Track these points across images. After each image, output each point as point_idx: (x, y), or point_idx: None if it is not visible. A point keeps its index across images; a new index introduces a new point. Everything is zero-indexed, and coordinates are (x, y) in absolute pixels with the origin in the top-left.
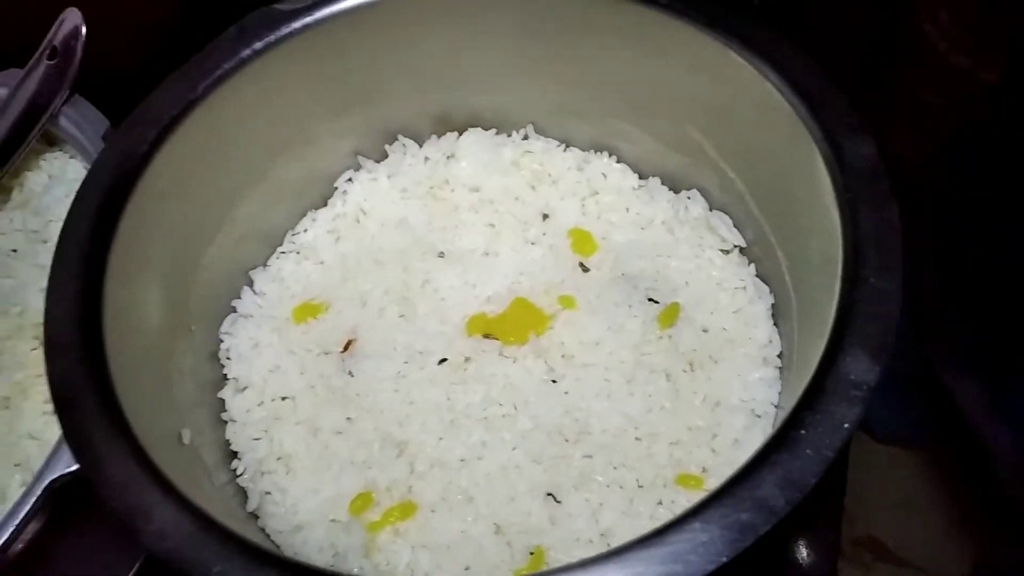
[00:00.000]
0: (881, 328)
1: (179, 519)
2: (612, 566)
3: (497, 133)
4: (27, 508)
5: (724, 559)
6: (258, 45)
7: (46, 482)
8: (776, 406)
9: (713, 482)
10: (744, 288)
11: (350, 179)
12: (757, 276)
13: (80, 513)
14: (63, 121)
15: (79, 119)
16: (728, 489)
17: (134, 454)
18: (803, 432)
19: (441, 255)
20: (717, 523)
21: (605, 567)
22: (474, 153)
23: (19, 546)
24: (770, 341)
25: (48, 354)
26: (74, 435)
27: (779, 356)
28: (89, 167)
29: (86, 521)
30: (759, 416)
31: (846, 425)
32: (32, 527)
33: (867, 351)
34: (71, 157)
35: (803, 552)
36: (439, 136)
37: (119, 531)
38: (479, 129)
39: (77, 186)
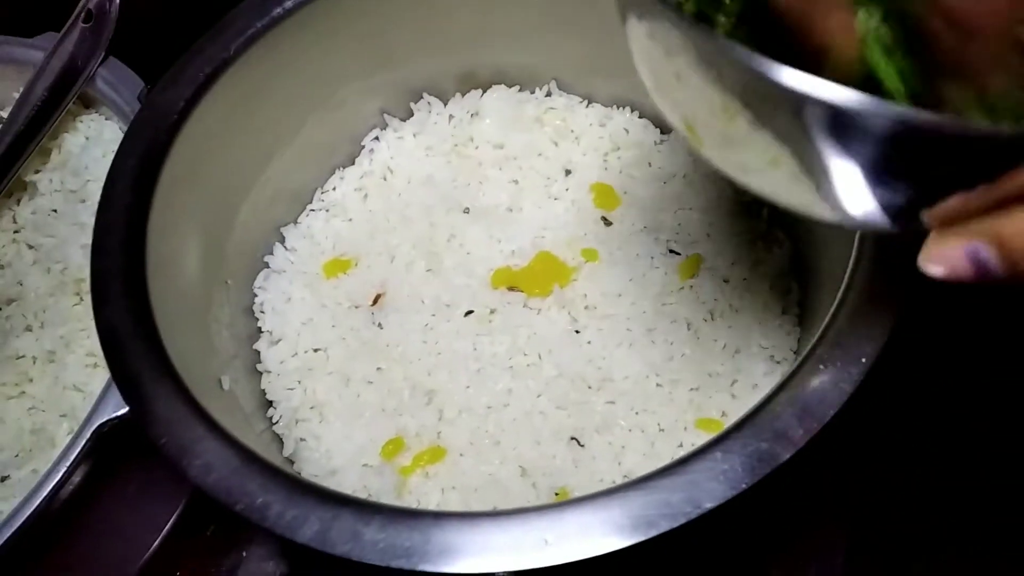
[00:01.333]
0: (899, 270)
1: (224, 453)
2: (635, 494)
3: (520, 90)
4: (76, 452)
5: (744, 485)
6: (288, 4)
7: (94, 426)
8: (795, 352)
9: None
10: (764, 238)
11: (377, 138)
12: (777, 226)
13: (123, 462)
14: (99, 83)
15: (115, 81)
16: (748, 420)
17: (180, 394)
18: (821, 367)
19: (466, 211)
20: (737, 452)
21: (628, 495)
22: (498, 110)
23: (69, 488)
24: (790, 290)
25: (96, 303)
26: (123, 377)
27: (799, 304)
28: (125, 128)
29: (130, 469)
30: (778, 362)
31: (863, 360)
32: (80, 471)
33: (885, 291)
34: (107, 119)
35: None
36: (463, 94)
37: (167, 468)
38: (502, 86)
39: (114, 147)
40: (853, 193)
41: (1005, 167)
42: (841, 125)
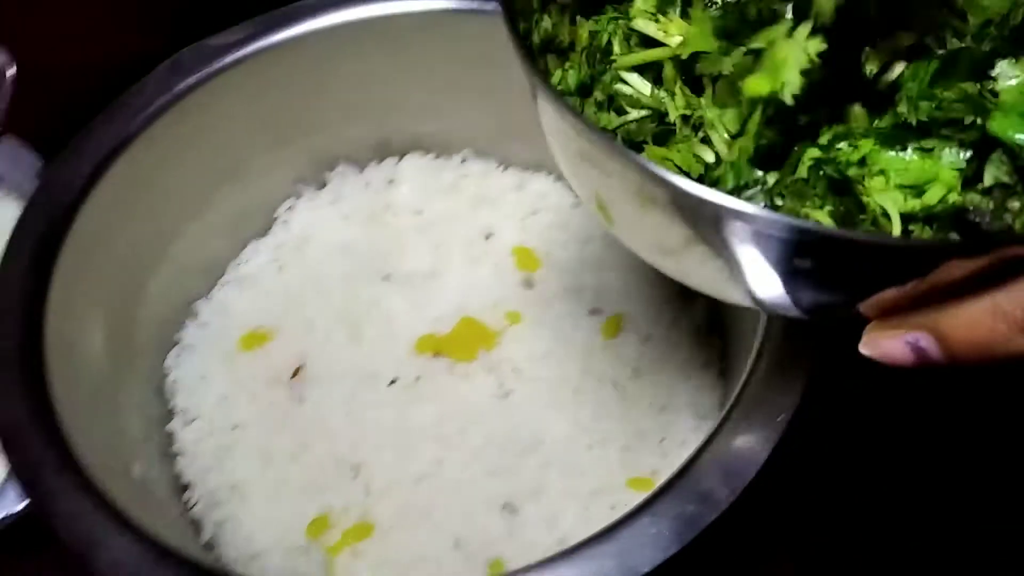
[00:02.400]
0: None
1: (133, 549)
2: (566, 565)
3: (436, 157)
4: None
5: (674, 550)
6: (192, 80)
7: None
8: (721, 408)
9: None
10: (684, 296)
11: (291, 207)
12: None
13: (25, 559)
14: None
15: (11, 158)
16: (673, 483)
17: (85, 487)
18: (742, 424)
19: (387, 278)
20: (665, 516)
21: (559, 566)
22: (414, 177)
23: None
24: (711, 345)
25: None
26: (23, 471)
27: (721, 358)
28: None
29: (33, 567)
30: (703, 418)
31: (780, 417)
32: None
33: (799, 347)
34: (5, 196)
35: None
36: (379, 162)
37: (72, 565)
38: (419, 153)
39: (11, 227)
40: (767, 292)
41: (931, 267)
42: (756, 236)
